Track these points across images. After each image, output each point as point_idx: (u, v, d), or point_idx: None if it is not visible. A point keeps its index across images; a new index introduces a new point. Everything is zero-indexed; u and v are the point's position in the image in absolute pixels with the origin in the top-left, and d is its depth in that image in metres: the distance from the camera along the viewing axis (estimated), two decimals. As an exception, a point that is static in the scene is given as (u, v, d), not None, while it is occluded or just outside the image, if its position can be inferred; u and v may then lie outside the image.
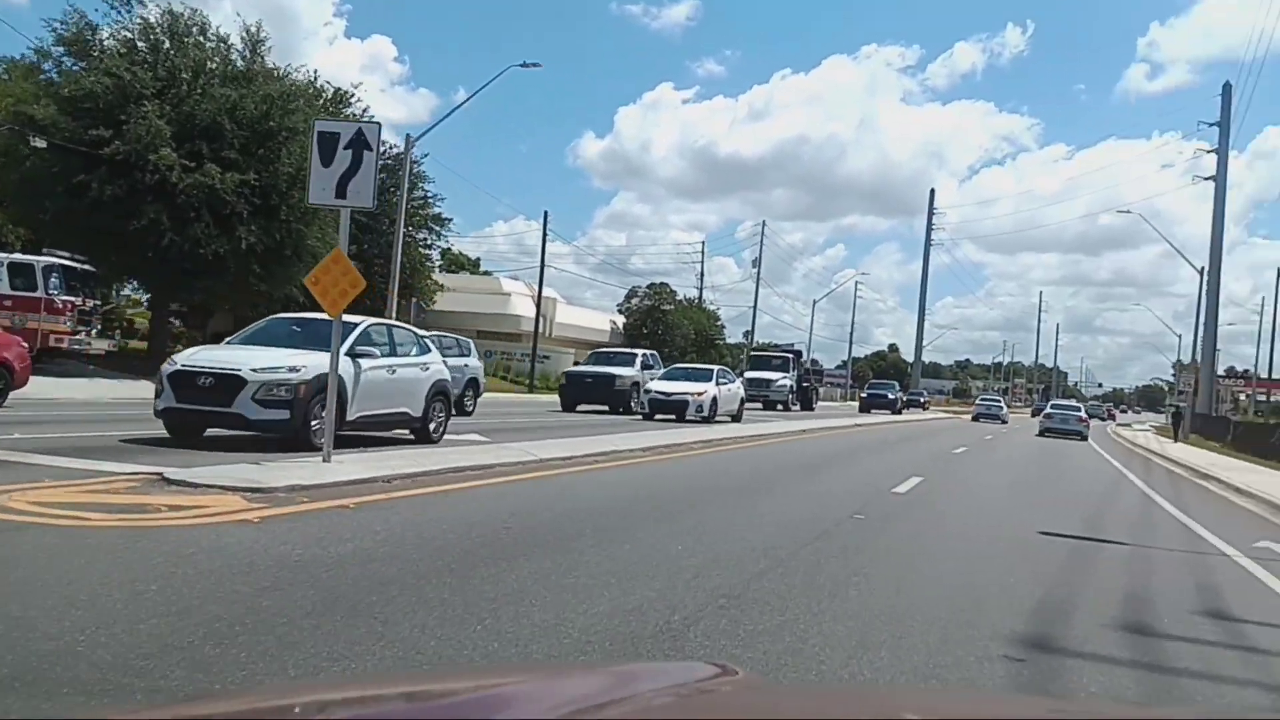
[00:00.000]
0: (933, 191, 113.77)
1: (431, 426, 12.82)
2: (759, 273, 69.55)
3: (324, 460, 8.89)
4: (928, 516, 9.46)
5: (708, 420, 23.00)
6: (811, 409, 42.95)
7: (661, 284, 61.47)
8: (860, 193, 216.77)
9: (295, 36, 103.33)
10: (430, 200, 42.94)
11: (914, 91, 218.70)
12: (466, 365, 20.28)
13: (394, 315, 34.24)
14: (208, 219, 27.32)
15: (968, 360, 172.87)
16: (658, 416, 23.06)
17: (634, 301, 60.97)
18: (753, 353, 49.48)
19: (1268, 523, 11.97)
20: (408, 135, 35.66)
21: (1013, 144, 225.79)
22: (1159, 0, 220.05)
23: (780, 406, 38.90)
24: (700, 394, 23.60)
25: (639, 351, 28.88)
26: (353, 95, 43.27)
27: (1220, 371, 72.14)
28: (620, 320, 61.26)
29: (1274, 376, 78.14)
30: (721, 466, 13.24)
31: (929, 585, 6.09)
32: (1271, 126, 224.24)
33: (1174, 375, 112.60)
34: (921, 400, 68.78)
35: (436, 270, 56.30)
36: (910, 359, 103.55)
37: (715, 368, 27.22)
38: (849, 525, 8.31)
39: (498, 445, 12.43)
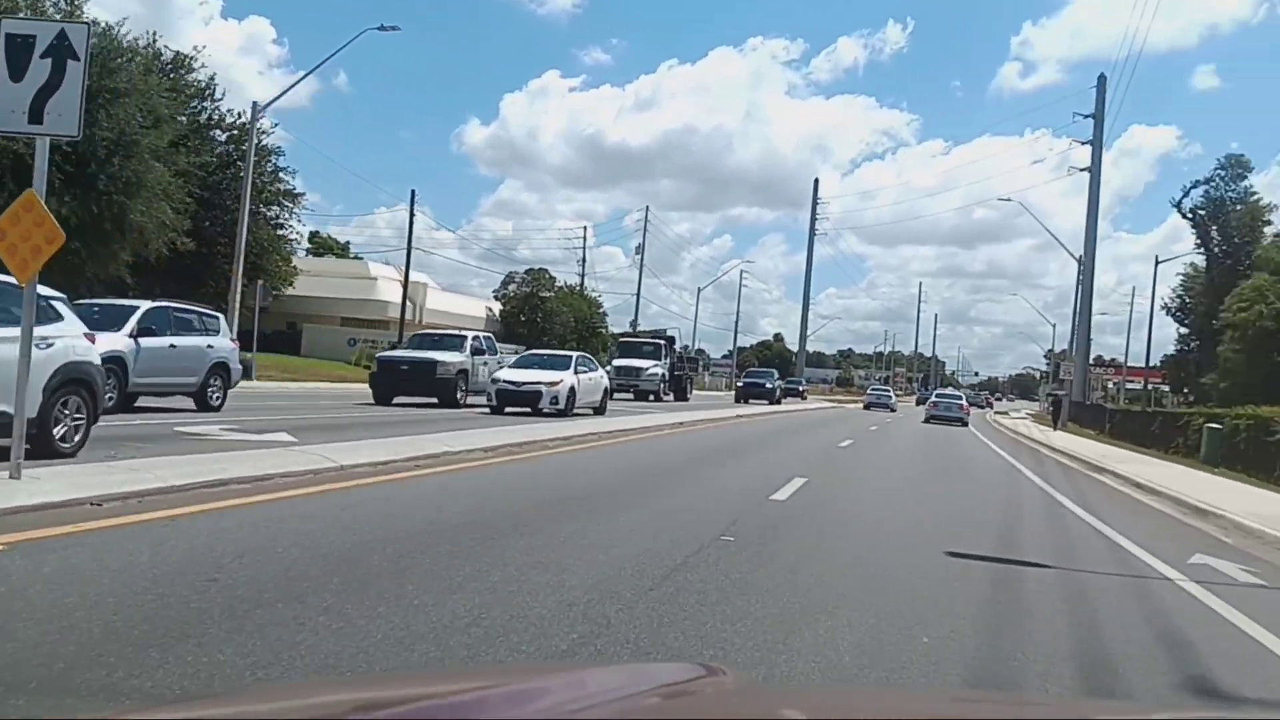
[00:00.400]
0: (816, 182, 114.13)
1: (58, 432, 8.76)
2: (642, 260, 67.98)
3: (10, 476, 6.56)
4: (812, 535, 7.67)
5: (564, 413, 20.70)
6: (686, 399, 40.54)
7: (540, 270, 59.15)
8: (747, 184, 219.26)
9: (170, 15, 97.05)
10: (282, 174, 39.63)
11: (798, 85, 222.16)
12: (210, 347, 16.08)
13: (238, 297, 31.20)
14: (11, 187, 23.98)
15: (850, 350, 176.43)
16: (509, 409, 20.67)
17: (511, 288, 58.41)
18: (621, 339, 46.28)
19: (1186, 527, 10.69)
20: (254, 103, 32.43)
21: (893, 139, 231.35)
22: (1032, 0, 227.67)
23: (652, 397, 36.42)
24: (556, 384, 21.20)
25: (469, 333, 25.06)
26: (195, 59, 39.73)
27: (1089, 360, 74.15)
28: (497, 307, 58.73)
29: (1140, 365, 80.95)
30: (576, 468, 11.29)
31: (815, 654, 4.24)
32: (1137, 125, 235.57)
33: (1046, 364, 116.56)
34: (800, 389, 67.51)
35: (299, 253, 52.86)
36: (795, 348, 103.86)
37: (574, 354, 24.25)
38: (713, 553, 6.43)
39: (296, 449, 10.16)
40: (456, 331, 26.11)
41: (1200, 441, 24.94)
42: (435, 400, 21.95)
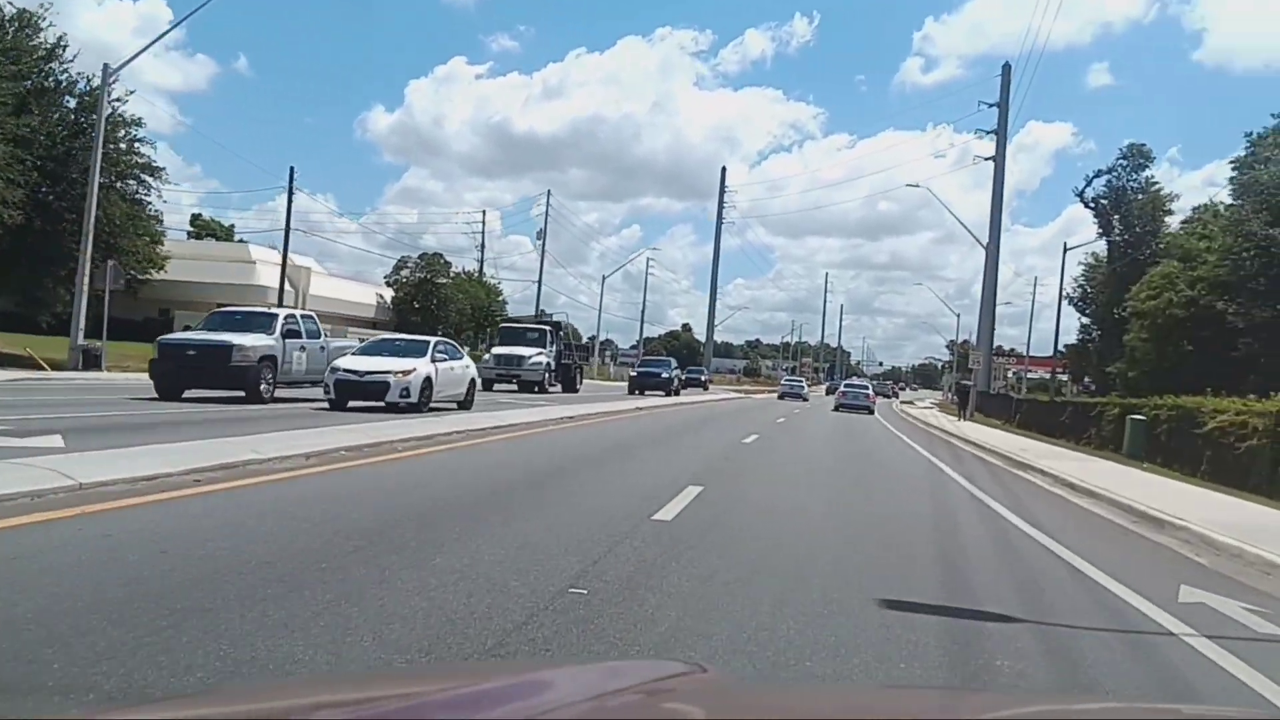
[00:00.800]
0: (724, 169, 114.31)
1: None
2: (544, 245, 65.36)
3: None
4: (699, 578, 5.65)
5: (418, 408, 17.78)
6: (575, 390, 37.14)
7: (434, 255, 56.09)
8: (655, 174, 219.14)
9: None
10: (139, 145, 36.16)
11: (707, 76, 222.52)
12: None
13: (86, 279, 27.95)
14: None
15: (758, 340, 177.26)
16: (352, 404, 17.76)
17: (404, 273, 55.27)
18: (502, 325, 41.70)
19: (1148, 544, 9.07)
20: (105, 65, 29.08)
21: (800, 131, 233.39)
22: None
23: (536, 388, 32.98)
24: (407, 373, 18.05)
25: (281, 311, 20.50)
26: (42, 18, 35.91)
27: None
28: (389, 294, 55.62)
29: (1038, 355, 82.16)
30: (417, 479, 9.13)
31: None
32: (1034, 122, 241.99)
33: (950, 353, 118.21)
34: (703, 379, 65.16)
35: (180, 236, 49.16)
36: (704, 338, 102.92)
37: (432, 339, 20.74)
38: (550, 621, 4.39)
39: (22, 462, 7.74)
40: (266, 309, 21.74)
41: (1115, 433, 23.94)
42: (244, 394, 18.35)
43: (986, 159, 49.24)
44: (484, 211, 71.95)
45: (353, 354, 19.40)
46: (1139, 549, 8.65)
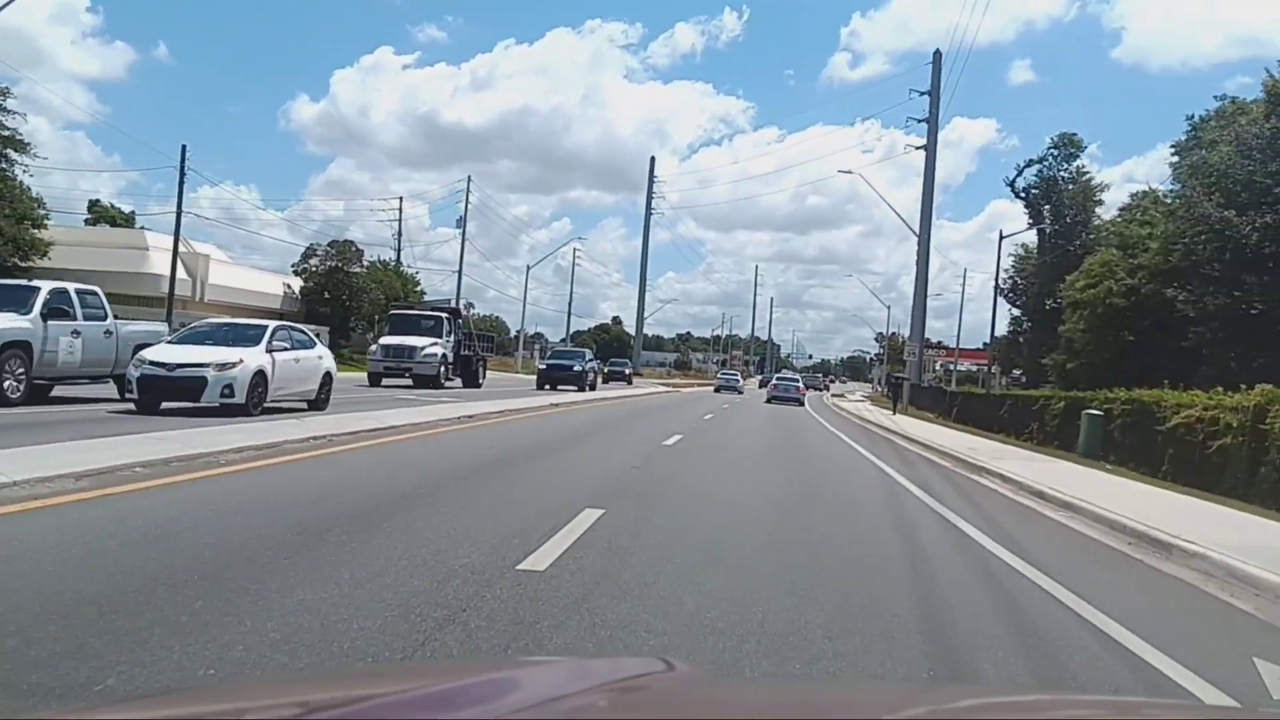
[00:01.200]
0: (653, 159, 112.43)
1: None
2: (464, 232, 62.53)
3: None
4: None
5: (245, 410, 14.38)
6: (477, 385, 33.38)
7: (346, 242, 52.83)
8: (586, 167, 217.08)
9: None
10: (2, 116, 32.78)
11: (637, 69, 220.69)
12: None
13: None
14: None
15: (689, 333, 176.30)
16: (165, 405, 14.42)
17: (313, 262, 51.99)
18: (393, 311, 37.24)
19: (1166, 580, 7.18)
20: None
21: (729, 125, 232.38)
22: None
23: (432, 383, 29.38)
24: (231, 366, 14.53)
25: (44, 285, 15.29)
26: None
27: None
28: (297, 284, 52.35)
29: (965, 348, 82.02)
30: (218, 508, 6.77)
31: None
32: (959, 118, 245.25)
33: (879, 345, 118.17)
34: (626, 372, 62.53)
35: (78, 223, 45.47)
36: (635, 331, 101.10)
37: (271, 324, 16.94)
38: None
39: None
40: (28, 283, 16.36)
41: (1062, 428, 22.44)
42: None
43: (918, 148, 48.26)
44: (400, 198, 68.38)
45: (167, 342, 15.94)
46: (1157, 590, 6.72)
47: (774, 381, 52.82)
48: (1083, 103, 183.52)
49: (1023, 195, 57.11)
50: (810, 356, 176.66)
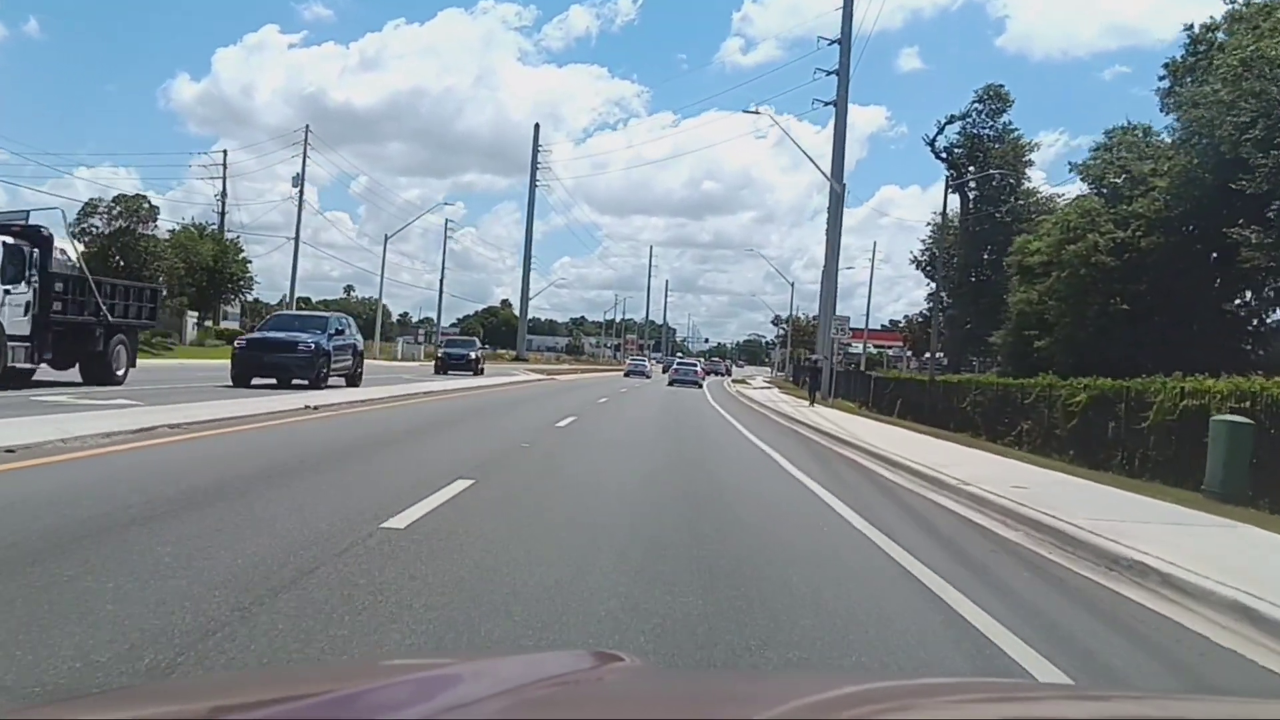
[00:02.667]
0: (537, 126, 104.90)
1: None
2: (301, 193, 52.63)
3: None
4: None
5: None
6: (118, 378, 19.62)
7: (136, 196, 42.41)
8: (479, 150, 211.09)
9: None
10: None
11: (530, 52, 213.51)
12: None
13: None
14: None
15: (583, 317, 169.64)
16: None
17: (94, 221, 41.36)
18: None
19: None
20: None
21: (624, 110, 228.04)
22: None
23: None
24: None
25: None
26: None
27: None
28: (74, 250, 41.74)
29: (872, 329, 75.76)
30: None
31: None
32: (849, 104, 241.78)
33: (777, 329, 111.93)
34: (469, 357, 43.17)
35: None
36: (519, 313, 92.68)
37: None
38: None
39: None
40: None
41: (1082, 432, 14.65)
42: None
43: (827, 103, 40.36)
44: (224, 152, 57.55)
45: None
46: None
47: (675, 365, 59.28)
48: (969, 90, 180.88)
49: (944, 155, 50.97)
50: (706, 340, 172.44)
